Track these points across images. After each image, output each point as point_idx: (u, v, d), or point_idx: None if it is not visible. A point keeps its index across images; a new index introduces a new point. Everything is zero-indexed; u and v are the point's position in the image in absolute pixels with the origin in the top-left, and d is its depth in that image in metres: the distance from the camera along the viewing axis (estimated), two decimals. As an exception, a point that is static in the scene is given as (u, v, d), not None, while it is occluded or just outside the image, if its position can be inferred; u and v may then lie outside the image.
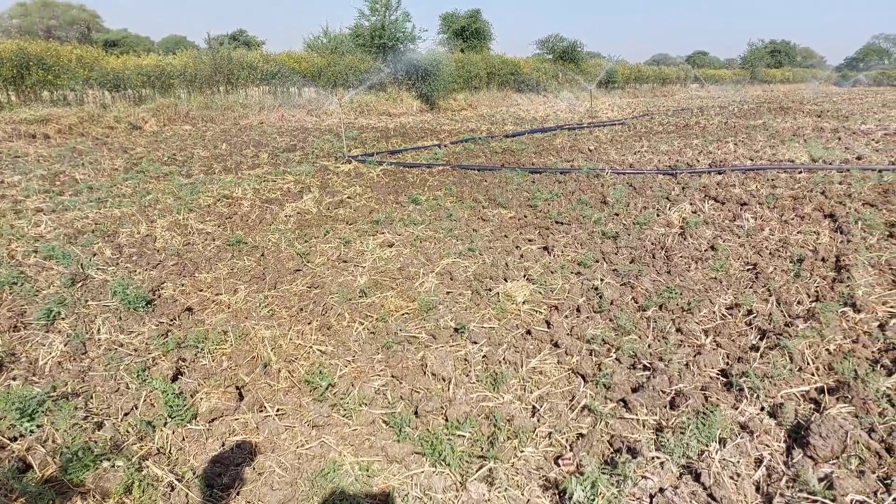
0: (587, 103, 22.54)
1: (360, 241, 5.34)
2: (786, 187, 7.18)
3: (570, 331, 3.58)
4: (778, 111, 20.42)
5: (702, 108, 22.47)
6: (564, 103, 24.22)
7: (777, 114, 19.19)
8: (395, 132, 14.39)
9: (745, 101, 28.58)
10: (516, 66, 27.29)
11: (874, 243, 5.01)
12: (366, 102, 19.76)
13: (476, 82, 24.83)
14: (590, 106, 21.93)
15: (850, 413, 2.56)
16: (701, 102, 27.56)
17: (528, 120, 18.01)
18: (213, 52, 19.19)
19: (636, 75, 38.05)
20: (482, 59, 26.38)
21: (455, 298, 4.10)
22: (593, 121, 17.19)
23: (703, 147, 10.98)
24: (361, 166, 9.11)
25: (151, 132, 14.08)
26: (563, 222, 5.93)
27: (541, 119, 18.32)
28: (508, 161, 9.76)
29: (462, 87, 24.02)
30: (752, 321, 3.64)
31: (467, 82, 24.29)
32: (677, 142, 11.88)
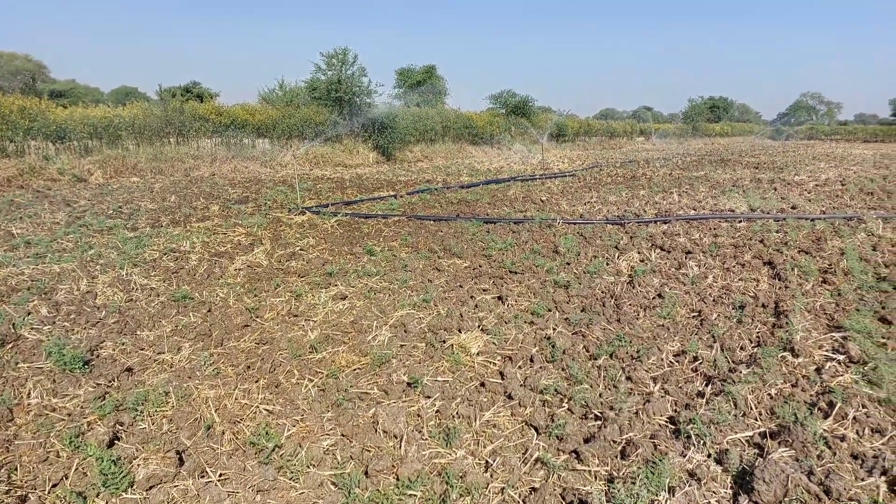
0: (539, 155, 23.20)
1: (312, 295, 5.26)
2: (727, 236, 7.50)
3: (524, 381, 3.58)
4: (718, 163, 21.49)
5: (648, 160, 23.43)
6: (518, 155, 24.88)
7: (718, 165, 20.19)
8: (350, 183, 14.44)
9: (688, 153, 30.00)
10: (470, 120, 28.04)
11: (809, 289, 5.25)
12: (321, 154, 19.82)
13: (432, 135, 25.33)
14: (542, 158, 22.58)
15: (791, 457, 2.63)
16: (647, 155, 28.77)
17: (483, 171, 18.39)
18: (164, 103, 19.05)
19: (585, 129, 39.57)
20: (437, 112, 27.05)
21: (409, 351, 4.07)
22: (545, 172, 17.69)
23: (649, 197, 11.41)
24: (315, 217, 9.07)
25: (97, 184, 13.71)
26: (516, 271, 6.01)
27: (495, 170, 18.73)
28: (464, 211, 9.91)
29: (418, 140, 24.44)
30: (699, 367, 3.72)
31: (423, 135, 24.76)
32: (625, 192, 12.32)
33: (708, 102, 73.21)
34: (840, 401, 3.09)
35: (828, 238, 7.19)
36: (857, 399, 3.12)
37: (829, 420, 2.95)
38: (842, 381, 3.39)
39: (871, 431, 2.86)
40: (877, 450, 2.71)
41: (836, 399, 3.11)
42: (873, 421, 2.92)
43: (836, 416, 2.98)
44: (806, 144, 46.19)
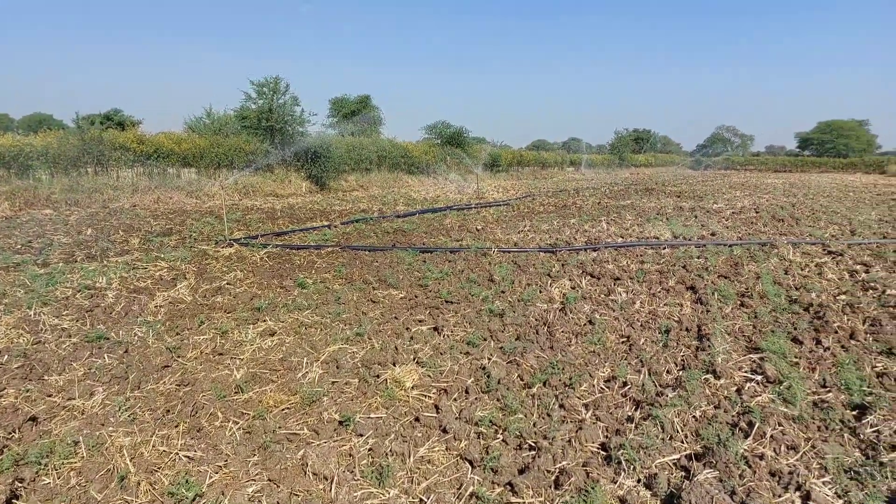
0: (475, 185, 23.58)
1: (238, 331, 5.05)
2: (653, 262, 7.80)
3: (459, 414, 3.55)
4: (644, 192, 22.50)
5: (578, 190, 24.26)
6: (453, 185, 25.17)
7: (643, 194, 21.14)
8: (282, 213, 14.13)
9: (615, 182, 31.27)
10: (406, 150, 28.22)
11: (729, 312, 5.51)
12: (251, 184, 19.32)
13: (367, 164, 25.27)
14: (477, 187, 22.95)
15: (715, 478, 2.71)
16: (577, 184, 29.77)
17: (420, 200, 18.48)
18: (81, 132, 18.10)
19: (518, 159, 40.58)
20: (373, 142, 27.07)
21: (341, 388, 3.96)
22: (481, 201, 17.96)
23: (579, 226, 11.76)
24: (244, 250, 8.78)
25: (4, 217, 12.81)
26: (452, 301, 6.01)
27: (431, 200, 18.87)
28: (400, 241, 9.88)
29: (353, 169, 24.31)
30: (628, 392, 3.81)
31: (358, 164, 24.65)
32: (557, 221, 12.66)
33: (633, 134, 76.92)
34: (759, 420, 3.23)
35: (744, 263, 7.61)
36: (773, 418, 3.27)
37: (749, 439, 3.07)
38: (760, 401, 3.56)
39: (787, 448, 3.00)
40: (792, 466, 2.83)
41: (755, 419, 3.25)
42: (788, 438, 3.07)
43: (755, 435, 3.11)
44: (723, 174, 49.15)
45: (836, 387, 3.79)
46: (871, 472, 2.77)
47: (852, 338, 4.70)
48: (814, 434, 3.18)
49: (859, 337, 4.69)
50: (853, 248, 8.81)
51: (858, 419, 3.35)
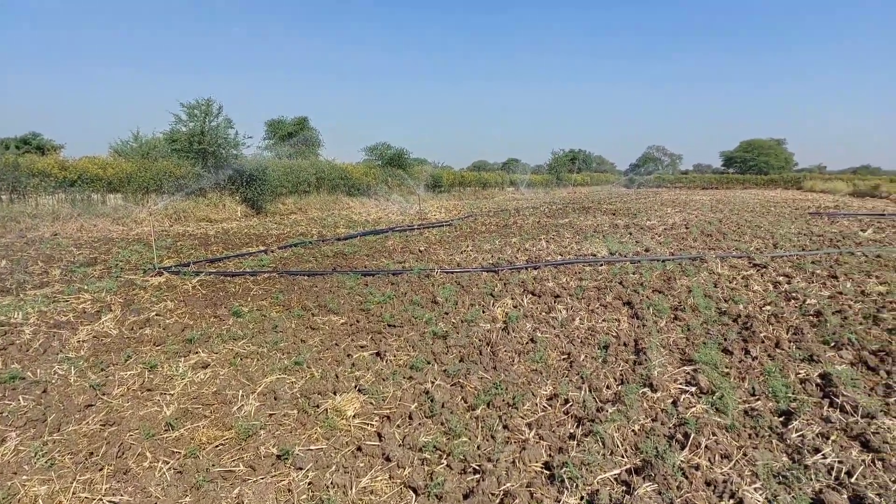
0: (417, 206, 23.64)
1: (169, 365, 4.80)
2: (591, 279, 7.99)
3: (403, 441, 3.49)
4: (581, 211, 23.15)
5: (518, 209, 24.69)
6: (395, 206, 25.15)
7: (580, 213, 21.74)
8: (216, 239, 13.69)
9: (554, 202, 32.05)
10: (346, 172, 28.00)
11: (663, 326, 5.69)
12: (183, 209, 18.62)
13: (305, 186, 24.88)
14: (419, 208, 23.03)
15: (655, 490, 2.76)
16: (517, 204, 30.35)
17: (361, 222, 18.34)
18: (-6, 157, 17.00)
19: (460, 180, 41.02)
20: (311, 164, 26.73)
21: (279, 420, 3.82)
22: (423, 222, 18.00)
23: (520, 245, 11.95)
24: (175, 278, 8.42)
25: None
26: (395, 325, 5.94)
27: (373, 221, 18.77)
28: (340, 265, 9.74)
29: (291, 192, 23.90)
30: (570, 409, 3.85)
31: (296, 186, 24.23)
32: (498, 240, 12.82)
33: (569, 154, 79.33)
34: (694, 431, 3.32)
35: (677, 277, 7.91)
36: (708, 428, 3.37)
37: (686, 451, 3.15)
38: (695, 412, 3.67)
39: (721, 457, 3.10)
40: (726, 474, 2.92)
41: (690, 430, 3.34)
42: (722, 447, 3.17)
43: (691, 446, 3.20)
44: (655, 192, 51.27)
45: (765, 394, 3.96)
46: (798, 475, 2.90)
47: (777, 346, 4.93)
48: (745, 442, 3.30)
49: (784, 346, 4.93)
50: (776, 260, 9.32)
51: (785, 425, 3.50)
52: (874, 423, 3.44)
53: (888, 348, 4.75)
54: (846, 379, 4.07)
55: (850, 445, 3.21)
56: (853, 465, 2.98)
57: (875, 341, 4.98)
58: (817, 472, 2.93)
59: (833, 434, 3.33)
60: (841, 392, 3.83)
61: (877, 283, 7.24)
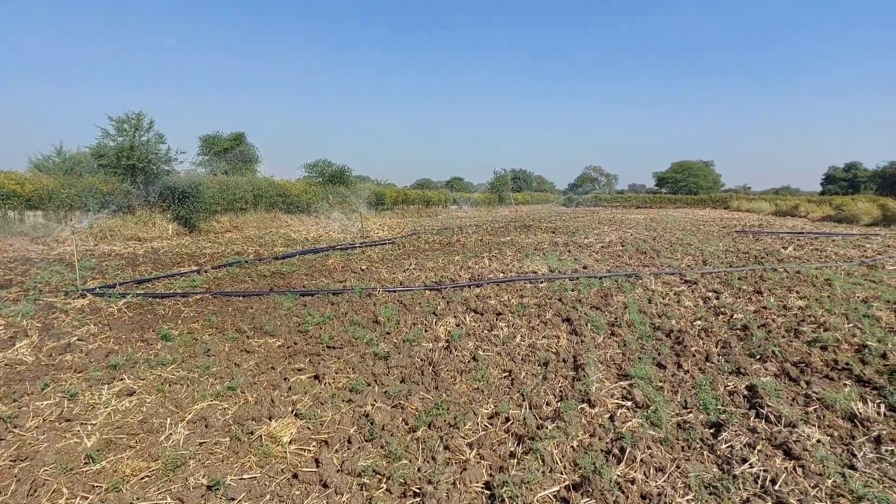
0: (358, 224, 23.41)
1: (90, 393, 4.50)
2: (531, 296, 8.10)
3: (341, 466, 3.39)
4: (522, 229, 23.53)
5: (461, 227, 24.85)
6: (336, 224, 24.81)
7: (521, 231, 22.09)
8: (145, 259, 13.06)
9: (496, 220, 32.49)
10: (285, 189, 27.48)
11: (601, 341, 5.82)
12: (110, 227, 17.68)
13: (242, 204, 24.22)
14: (361, 226, 22.81)
15: (594, 508, 2.79)
16: (460, 222, 30.55)
17: (300, 241, 17.98)
18: None
19: (403, 198, 41.00)
20: (248, 181, 26.07)
21: (210, 449, 3.64)
22: (365, 240, 17.82)
23: (463, 263, 12.00)
24: (99, 301, 7.95)
25: None
26: (335, 346, 5.81)
27: (313, 239, 18.43)
28: (278, 285, 9.48)
29: (226, 209, 23.20)
30: (510, 427, 3.85)
31: (232, 204, 23.55)
32: (442, 259, 12.83)
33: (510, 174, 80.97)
34: (630, 445, 3.39)
35: (613, 294, 8.13)
36: (643, 442, 3.44)
37: (622, 465, 3.21)
38: (631, 426, 3.74)
39: (655, 470, 3.16)
40: (660, 487, 2.99)
41: (626, 444, 3.40)
42: (656, 461, 3.24)
43: (627, 460, 3.25)
44: (592, 211, 52.86)
45: (696, 407, 4.09)
46: (727, 485, 2.99)
47: (708, 360, 5.13)
48: (678, 454, 3.39)
49: (713, 359, 5.13)
50: (705, 276, 9.73)
51: (715, 436, 3.62)
52: (795, 431, 3.61)
53: (808, 360, 5.03)
54: (770, 390, 4.27)
55: (775, 454, 3.36)
56: (777, 473, 3.11)
57: (796, 353, 5.26)
58: (745, 482, 3.03)
59: (759, 444, 3.47)
60: (766, 403, 4.01)
61: (797, 298, 7.67)
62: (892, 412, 3.96)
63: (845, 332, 5.83)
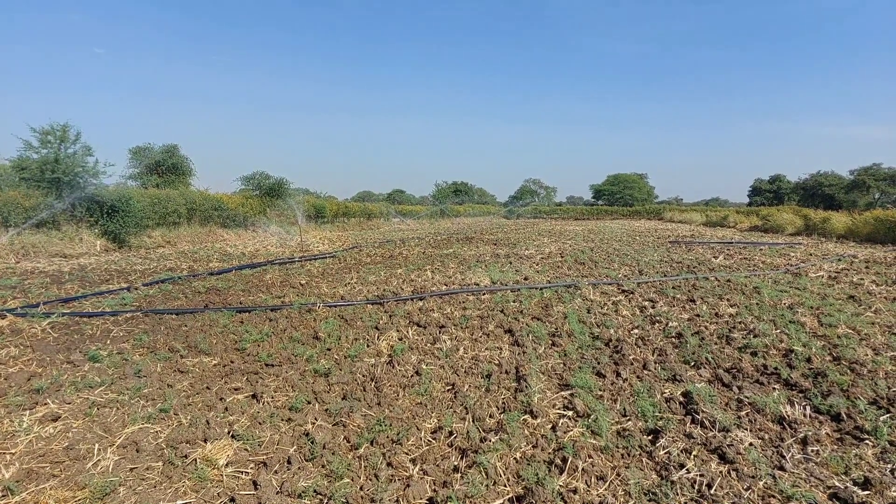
0: (298, 237, 22.97)
1: (10, 420, 4.19)
2: (474, 308, 8.14)
3: (280, 487, 3.28)
4: (464, 241, 23.70)
5: (403, 240, 24.77)
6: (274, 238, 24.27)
7: (464, 243, 22.24)
8: (71, 276, 12.33)
9: (439, 232, 32.59)
10: (220, 202, 26.62)
11: (542, 352, 5.90)
12: (32, 243, 16.66)
13: (175, 217, 23.30)
14: (300, 240, 22.38)
15: (538, 520, 2.80)
16: (402, 234, 30.47)
17: (237, 256, 17.45)
18: None
19: (344, 210, 40.55)
20: (181, 194, 25.12)
21: (141, 475, 3.45)
22: (305, 254, 17.49)
23: (406, 276, 11.94)
24: (21, 321, 7.43)
25: None
26: (273, 364, 5.65)
27: (250, 254, 17.93)
28: (213, 301, 9.15)
29: (158, 223, 22.26)
30: (454, 441, 3.84)
31: (164, 218, 22.61)
32: (384, 272, 12.72)
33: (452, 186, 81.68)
34: (571, 455, 3.43)
35: (553, 304, 8.28)
36: (584, 451, 3.50)
37: (564, 475, 3.25)
38: (572, 436, 3.80)
39: (597, 479, 3.21)
40: (602, 496, 3.04)
41: (568, 454, 3.45)
42: (597, 469, 3.29)
43: (569, 469, 3.29)
44: (532, 222, 53.87)
45: (635, 414, 4.20)
46: (665, 491, 3.07)
47: (645, 368, 5.28)
48: (618, 462, 3.46)
49: (650, 367, 5.29)
50: (642, 286, 10.07)
51: (653, 443, 3.72)
52: (729, 436, 3.76)
53: (739, 365, 5.26)
54: (705, 396, 4.44)
55: (710, 459, 3.48)
56: (712, 477, 3.22)
57: (728, 359, 5.50)
58: (682, 487, 3.12)
59: (695, 449, 3.59)
60: (701, 409, 4.16)
61: (728, 306, 8.04)
62: (817, 414, 4.20)
63: (773, 338, 6.14)
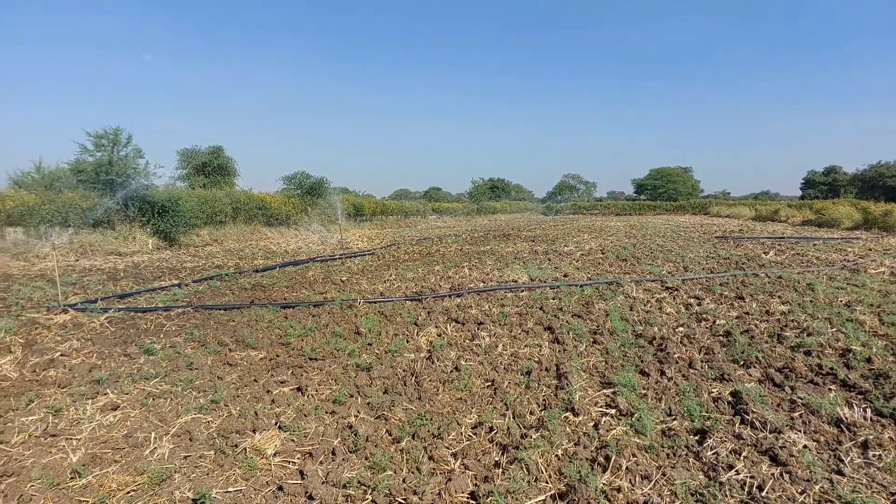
0: (338, 235, 23.30)
1: (75, 408, 4.44)
2: (512, 305, 8.12)
3: (326, 478, 3.36)
4: (502, 238, 23.59)
5: (440, 237, 24.84)
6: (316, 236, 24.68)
7: (501, 240, 22.14)
8: (125, 273, 12.86)
9: (476, 229, 32.52)
10: (264, 201, 27.26)
11: (583, 350, 5.85)
12: (90, 242, 17.44)
13: (221, 217, 23.98)
14: (340, 238, 22.69)
15: (581, 517, 2.79)
16: (439, 232, 30.54)
17: (280, 253, 17.83)
18: None
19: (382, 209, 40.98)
20: (226, 194, 25.83)
21: (195, 462, 3.59)
22: (345, 252, 17.74)
23: (443, 272, 11.99)
24: (81, 316, 7.81)
25: None
26: (317, 358, 5.77)
27: (293, 252, 18.29)
28: (259, 297, 9.39)
29: (206, 223, 22.95)
30: (494, 437, 3.85)
31: (211, 217, 23.32)
32: (422, 269, 12.80)
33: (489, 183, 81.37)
34: (615, 453, 3.40)
35: (594, 302, 8.18)
36: (628, 450, 3.46)
37: (608, 473, 3.22)
38: (615, 434, 3.76)
39: (641, 478, 3.18)
40: (646, 495, 3.00)
41: (611, 452, 3.42)
42: (642, 468, 3.26)
43: (612, 468, 3.26)
44: (571, 218, 53.07)
45: (680, 414, 4.13)
46: (713, 492, 3.01)
47: (691, 367, 5.18)
48: (663, 461, 3.41)
49: (697, 365, 5.18)
50: (687, 283, 9.84)
51: (700, 443, 3.65)
52: (781, 437, 3.66)
53: (792, 365, 5.10)
54: (755, 396, 4.32)
55: (761, 460, 3.39)
56: (764, 479, 3.14)
57: (780, 359, 5.33)
58: (731, 489, 3.06)
59: (745, 450, 3.51)
60: (751, 409, 4.06)
61: (779, 303, 7.79)
62: (879, 417, 4.02)
63: (829, 337, 5.92)
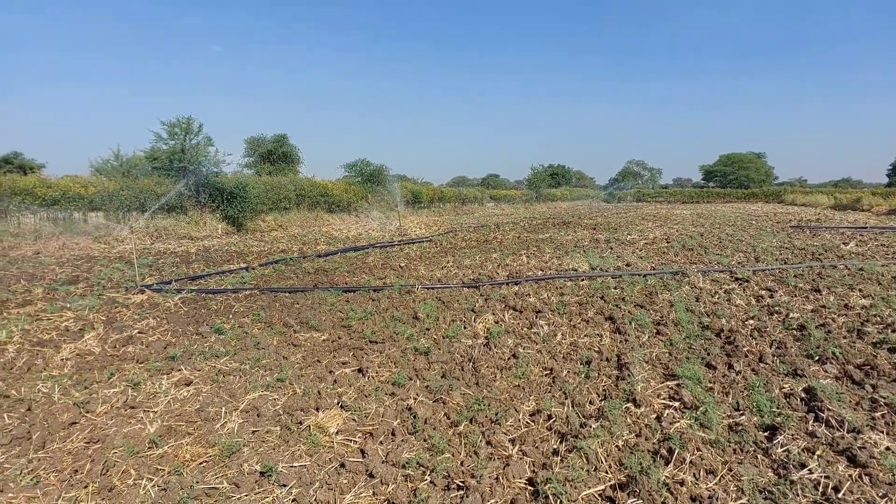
0: (396, 222, 23.59)
1: (152, 382, 4.73)
2: (572, 294, 8.01)
3: (386, 457, 3.44)
4: (561, 226, 23.26)
5: (498, 225, 24.73)
6: (375, 222, 25.07)
7: (560, 228, 21.83)
8: (197, 256, 13.51)
9: (534, 217, 32.18)
10: (326, 188, 27.89)
11: (646, 341, 5.71)
12: (164, 227, 18.42)
13: (286, 203, 24.75)
14: (399, 224, 22.97)
15: (642, 508, 2.74)
16: (497, 219, 30.38)
17: (341, 239, 18.24)
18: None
19: (439, 196, 41.11)
20: (291, 181, 26.59)
21: (262, 437, 3.75)
22: (403, 238, 17.96)
23: (501, 260, 11.95)
24: (157, 296, 8.28)
25: None
26: (377, 341, 5.89)
27: (353, 238, 18.67)
28: (321, 281, 9.65)
29: (271, 209, 23.75)
30: (553, 425, 3.82)
31: (276, 204, 24.10)
32: (479, 256, 12.81)
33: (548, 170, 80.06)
34: (678, 446, 3.31)
35: (658, 292, 7.96)
36: (692, 443, 3.36)
37: (670, 466, 3.14)
38: (678, 427, 3.66)
39: (706, 473, 3.09)
40: (711, 490, 2.91)
41: (674, 445, 3.33)
42: (707, 463, 3.16)
43: (675, 461, 3.18)
44: (635, 206, 51.64)
45: (749, 409, 3.97)
46: (784, 490, 2.89)
47: (761, 361, 4.96)
48: (730, 457, 3.30)
49: (767, 360, 4.97)
50: (758, 274, 9.42)
51: (770, 440, 3.51)
52: (861, 437, 3.45)
53: (873, 362, 4.79)
54: (831, 393, 4.10)
55: (837, 460, 3.22)
56: (840, 480, 2.98)
57: (860, 355, 5.03)
58: (804, 488, 2.93)
59: (819, 449, 3.34)
60: (826, 406, 3.85)
61: (860, 297, 7.34)
62: (964, 418, 3.76)
63: (916, 334, 5.53)
